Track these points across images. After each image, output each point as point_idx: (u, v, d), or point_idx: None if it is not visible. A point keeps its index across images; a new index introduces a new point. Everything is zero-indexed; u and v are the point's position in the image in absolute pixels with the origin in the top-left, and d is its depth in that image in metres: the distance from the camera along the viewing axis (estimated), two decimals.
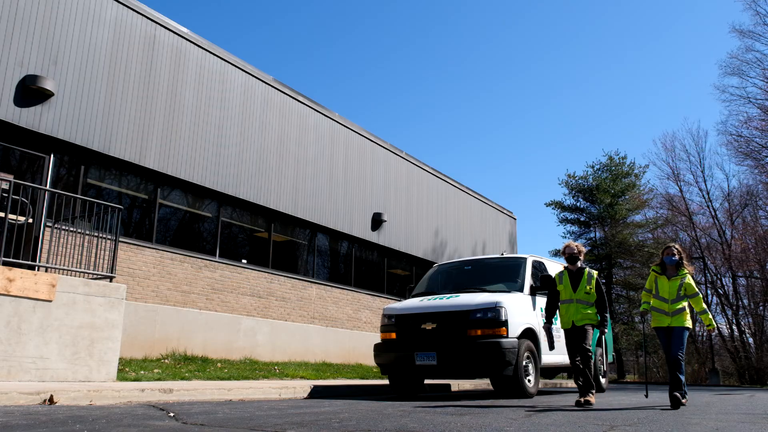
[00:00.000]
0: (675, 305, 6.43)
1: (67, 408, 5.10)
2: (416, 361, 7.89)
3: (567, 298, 6.79)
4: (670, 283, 6.53)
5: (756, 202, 34.41)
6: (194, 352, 10.98)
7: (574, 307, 6.71)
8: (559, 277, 6.98)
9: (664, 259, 6.64)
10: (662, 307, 6.52)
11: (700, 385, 25.43)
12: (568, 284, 6.82)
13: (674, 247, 6.65)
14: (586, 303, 6.71)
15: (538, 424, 4.49)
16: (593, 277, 6.83)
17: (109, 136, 10.34)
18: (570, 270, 6.93)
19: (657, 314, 6.56)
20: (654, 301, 6.64)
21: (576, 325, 6.67)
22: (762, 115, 28.89)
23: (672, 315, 6.42)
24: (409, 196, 18.51)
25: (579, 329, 6.66)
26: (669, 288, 6.50)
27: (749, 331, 33.68)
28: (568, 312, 6.75)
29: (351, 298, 15.62)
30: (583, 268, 6.88)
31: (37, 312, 6.80)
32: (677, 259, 6.58)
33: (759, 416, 5.53)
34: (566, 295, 6.81)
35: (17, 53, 9.20)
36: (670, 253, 6.63)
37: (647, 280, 6.83)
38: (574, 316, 6.69)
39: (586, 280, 6.79)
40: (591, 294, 6.74)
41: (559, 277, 6.98)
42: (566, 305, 6.79)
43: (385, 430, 3.92)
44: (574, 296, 6.74)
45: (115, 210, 8.30)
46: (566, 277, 6.88)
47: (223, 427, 4.03)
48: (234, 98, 12.92)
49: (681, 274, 6.55)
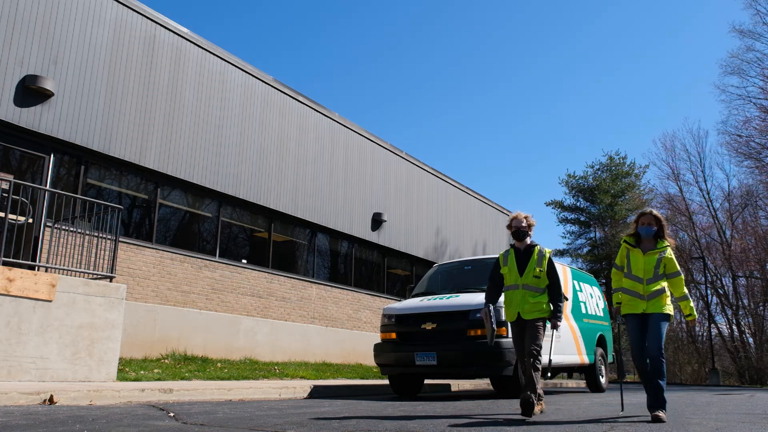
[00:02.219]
0: (651, 286, 5.06)
1: (67, 408, 5.10)
2: (416, 361, 7.88)
3: (512, 283, 5.46)
4: (646, 258, 5.16)
5: (756, 202, 34.40)
6: (194, 352, 10.97)
7: (521, 294, 5.37)
8: (503, 258, 5.62)
9: (639, 229, 5.26)
10: (635, 289, 5.13)
11: (700, 385, 25.42)
12: (514, 266, 5.46)
13: (651, 213, 5.28)
14: (535, 289, 5.37)
15: (538, 424, 4.49)
16: (545, 257, 5.46)
17: (109, 136, 10.34)
18: (517, 248, 5.57)
19: (629, 298, 5.17)
20: (626, 282, 5.24)
21: (523, 317, 5.33)
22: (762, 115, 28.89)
23: (648, 299, 5.05)
24: (409, 196, 18.51)
25: (527, 324, 5.33)
26: (644, 265, 5.13)
27: (749, 331, 33.68)
28: (513, 300, 5.42)
29: (351, 298, 15.61)
30: (533, 245, 5.54)
31: (37, 312, 6.80)
32: (655, 230, 5.21)
33: (759, 416, 5.52)
34: (511, 279, 5.47)
35: (17, 53, 9.20)
36: (646, 221, 5.23)
37: (617, 255, 5.40)
38: (521, 306, 5.35)
39: (535, 260, 5.42)
40: (542, 278, 5.40)
41: (503, 258, 5.62)
42: (511, 292, 5.46)
43: (385, 430, 3.92)
44: (520, 281, 5.40)
45: (115, 210, 8.30)
46: (512, 257, 5.52)
47: (223, 427, 4.03)
48: (234, 98, 12.92)
49: (660, 248, 5.17)
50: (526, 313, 5.32)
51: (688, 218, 36.20)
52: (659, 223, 5.26)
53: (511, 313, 5.43)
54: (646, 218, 5.27)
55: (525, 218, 5.56)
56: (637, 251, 5.23)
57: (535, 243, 5.53)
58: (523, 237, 5.54)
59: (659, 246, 5.21)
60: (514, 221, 5.56)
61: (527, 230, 5.55)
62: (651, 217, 5.26)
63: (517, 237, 5.55)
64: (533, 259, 5.43)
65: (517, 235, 5.54)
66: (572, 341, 9.65)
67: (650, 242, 5.24)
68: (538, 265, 5.40)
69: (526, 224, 5.55)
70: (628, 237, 5.38)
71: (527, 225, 5.55)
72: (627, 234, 5.45)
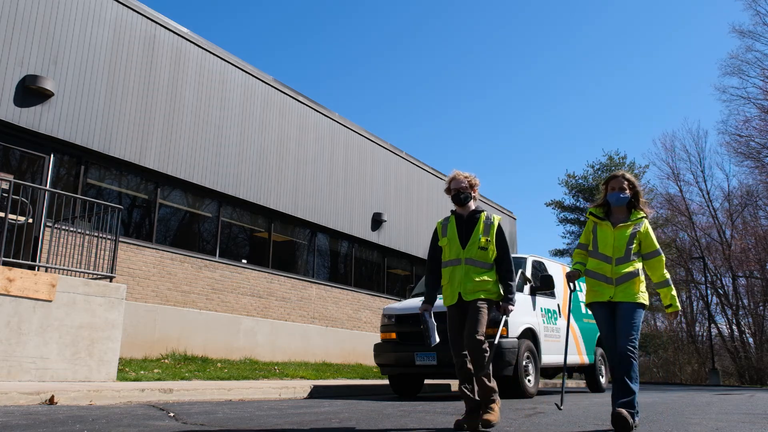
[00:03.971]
0: (622, 268, 4.11)
1: (67, 408, 5.10)
2: (416, 361, 7.89)
3: (453, 257, 4.33)
4: (617, 233, 4.17)
5: (756, 202, 34.43)
6: (194, 352, 10.97)
7: (462, 271, 4.26)
8: (441, 227, 4.51)
9: (608, 197, 4.26)
10: (602, 270, 4.17)
11: (700, 385, 25.42)
12: (455, 236, 4.36)
13: (624, 176, 4.28)
14: (481, 264, 4.26)
15: (538, 424, 4.49)
16: (493, 225, 4.36)
17: (109, 136, 10.34)
18: (458, 215, 4.48)
19: (594, 282, 4.23)
20: (591, 262, 4.28)
21: (464, 299, 4.23)
22: (762, 115, 28.90)
23: (617, 283, 4.10)
24: (409, 196, 18.51)
25: (469, 307, 4.22)
26: (615, 241, 4.16)
27: (749, 331, 33.70)
28: (454, 279, 4.30)
29: (351, 298, 15.61)
30: (478, 211, 4.46)
31: (37, 312, 6.80)
32: (629, 197, 4.22)
33: (759, 416, 5.52)
34: (451, 252, 4.35)
35: (17, 53, 9.20)
36: (617, 186, 4.23)
37: (583, 232, 4.44)
38: (462, 287, 4.24)
39: (481, 229, 4.33)
40: (489, 251, 4.28)
41: (441, 227, 4.51)
42: (451, 269, 4.34)
43: (385, 430, 3.92)
44: (462, 254, 4.29)
45: (115, 210, 8.30)
46: (452, 226, 4.43)
47: (223, 427, 4.03)
48: (234, 98, 12.92)
49: (634, 220, 4.21)
50: (469, 293, 4.22)
51: (688, 218, 36.21)
52: (634, 188, 4.23)
53: (450, 294, 4.33)
54: (617, 182, 4.22)
55: (465, 178, 4.46)
56: (605, 225, 4.22)
57: (481, 209, 4.49)
58: (465, 201, 4.44)
59: (633, 218, 4.20)
60: (452, 182, 4.48)
61: (469, 192, 4.45)
62: (623, 181, 4.21)
63: (457, 201, 4.46)
64: (478, 227, 4.34)
65: (457, 198, 4.45)
66: (572, 341, 9.65)
67: (622, 213, 4.25)
68: (485, 235, 4.31)
69: (467, 184, 4.44)
70: (594, 208, 4.39)
71: (468, 185, 4.45)
72: (594, 205, 4.43)
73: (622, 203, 4.24)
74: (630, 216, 4.25)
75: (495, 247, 4.31)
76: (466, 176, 4.47)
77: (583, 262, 4.37)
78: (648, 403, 7.31)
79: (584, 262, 4.36)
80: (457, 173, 4.49)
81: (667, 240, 36.34)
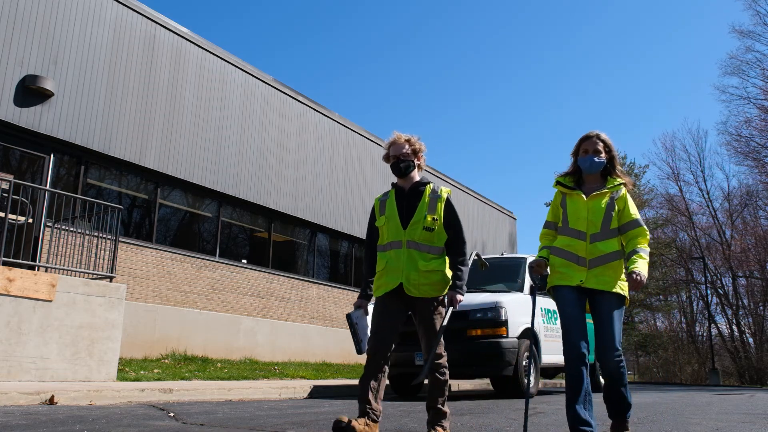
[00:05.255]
0: (599, 247, 3.31)
1: (67, 408, 5.10)
2: (416, 361, 7.88)
3: (391, 239, 3.50)
4: (591, 204, 3.39)
5: (756, 202, 34.42)
6: (194, 352, 10.97)
7: (405, 256, 3.43)
8: (379, 204, 3.69)
9: (580, 161, 3.48)
10: (574, 249, 3.34)
11: (700, 385, 25.43)
12: (395, 214, 3.52)
13: (598, 136, 3.47)
14: (428, 249, 3.44)
15: (538, 424, 4.49)
16: (440, 199, 3.53)
17: (109, 136, 10.34)
18: (399, 189, 3.63)
19: (561, 263, 3.38)
20: (560, 240, 3.44)
21: (409, 293, 3.42)
22: (762, 115, 28.90)
23: (591, 266, 3.29)
24: None
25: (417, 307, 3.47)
26: (588, 213, 3.37)
27: (749, 331, 33.69)
28: (393, 266, 3.45)
29: (351, 298, 15.61)
30: (424, 183, 3.62)
31: (37, 312, 6.80)
32: (604, 161, 3.46)
33: (759, 416, 5.52)
34: (390, 233, 3.51)
35: (17, 53, 9.20)
36: (590, 148, 3.44)
37: (549, 208, 3.63)
38: (406, 276, 3.40)
39: (426, 204, 3.50)
40: (437, 232, 3.46)
41: (379, 204, 3.69)
42: (389, 253, 3.50)
43: (385, 430, 3.92)
44: (404, 235, 3.45)
45: (115, 210, 8.30)
46: (392, 203, 3.58)
47: (223, 427, 4.03)
48: (234, 98, 12.93)
49: (611, 187, 3.44)
50: (415, 285, 3.36)
51: (688, 218, 36.20)
52: (610, 152, 3.49)
53: (386, 282, 3.43)
54: (591, 143, 3.45)
55: (408, 141, 3.59)
56: (576, 195, 3.44)
57: (427, 180, 3.64)
58: (407, 171, 3.57)
59: (610, 186, 3.44)
60: (391, 147, 3.62)
61: (412, 159, 3.57)
62: (597, 142, 3.45)
63: (397, 171, 3.59)
64: (423, 202, 3.49)
65: (396, 168, 3.58)
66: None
67: (596, 181, 3.50)
68: (431, 212, 3.46)
69: (409, 150, 3.56)
70: (562, 177, 3.57)
71: (411, 151, 3.57)
72: (562, 174, 3.60)
73: (597, 169, 3.44)
74: (606, 184, 3.47)
75: (444, 227, 3.48)
76: (408, 140, 3.60)
77: (551, 246, 3.49)
78: (648, 403, 7.31)
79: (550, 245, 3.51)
80: (398, 136, 3.62)
81: (667, 240, 36.35)
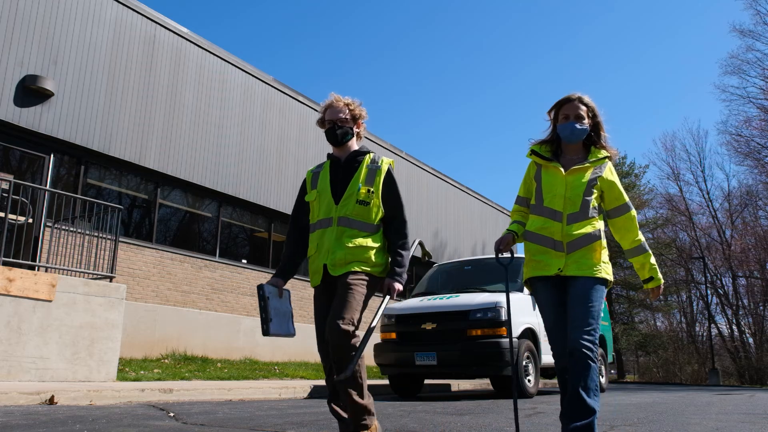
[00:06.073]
0: (577, 228, 2.86)
1: (67, 408, 5.10)
2: (416, 361, 7.88)
3: (322, 217, 2.96)
4: (570, 178, 2.91)
5: (756, 202, 34.45)
6: (194, 352, 10.97)
7: (334, 235, 2.89)
8: (311, 177, 3.12)
9: (559, 128, 2.98)
10: (549, 232, 2.90)
11: (700, 385, 25.43)
12: (327, 188, 2.99)
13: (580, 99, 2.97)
14: (360, 226, 2.90)
15: (538, 424, 4.49)
16: (380, 170, 3.02)
17: (109, 136, 10.34)
18: (335, 159, 3.09)
19: (536, 249, 2.94)
20: (533, 221, 3.00)
21: (332, 274, 2.87)
22: (762, 114, 28.92)
23: (570, 250, 2.85)
24: (409, 196, 18.50)
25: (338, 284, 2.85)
26: (567, 190, 2.89)
27: (749, 331, 33.70)
28: (322, 247, 2.92)
29: None
30: (363, 152, 3.08)
31: (37, 312, 6.80)
32: (587, 128, 2.95)
33: (759, 416, 5.52)
34: (320, 211, 2.98)
35: (17, 53, 9.20)
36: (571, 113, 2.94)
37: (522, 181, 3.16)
38: (330, 256, 2.87)
39: (363, 176, 2.98)
40: (372, 206, 2.94)
41: (311, 177, 3.12)
42: (319, 233, 2.96)
43: (385, 430, 3.92)
44: (335, 212, 2.93)
45: (115, 210, 8.30)
46: (325, 175, 3.05)
47: (223, 427, 4.03)
48: (234, 98, 12.93)
49: (594, 161, 2.95)
50: (338, 264, 2.84)
51: (688, 218, 36.23)
52: (594, 118, 2.99)
53: (315, 269, 2.94)
54: (572, 107, 2.94)
55: (347, 105, 3.05)
56: (553, 167, 2.96)
57: (367, 149, 3.11)
58: (344, 138, 3.03)
59: (593, 159, 2.95)
60: (327, 111, 3.05)
61: (350, 126, 3.04)
62: (580, 106, 2.94)
63: (332, 139, 3.04)
64: (359, 173, 2.97)
65: (332, 135, 3.03)
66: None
67: (577, 151, 3.00)
68: (368, 184, 2.95)
69: (347, 115, 3.03)
70: (538, 145, 3.07)
71: (350, 116, 3.04)
72: (536, 142, 3.10)
73: (579, 138, 2.94)
74: (588, 156, 2.97)
75: (381, 201, 2.97)
76: (347, 103, 3.05)
77: (522, 221, 3.08)
78: (648, 403, 7.31)
79: (524, 222, 3.07)
80: (336, 98, 3.06)
81: (667, 240, 36.35)
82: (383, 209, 3.00)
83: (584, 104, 2.97)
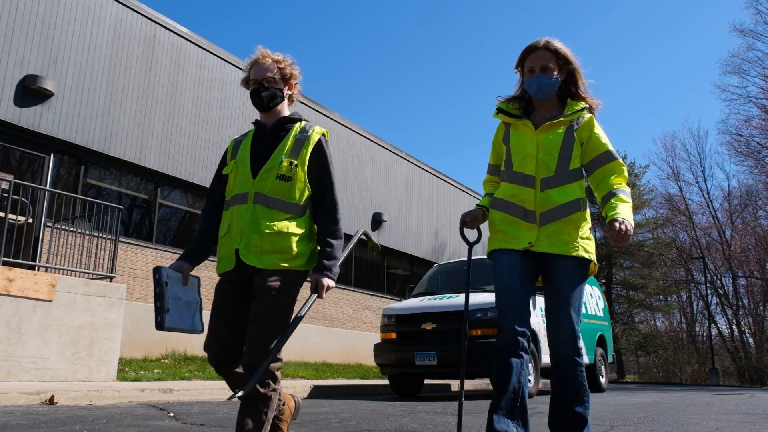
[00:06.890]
0: (552, 195, 2.45)
1: (67, 408, 5.10)
2: (416, 361, 7.88)
3: (237, 192, 2.48)
4: (542, 137, 2.50)
5: (756, 202, 34.45)
6: (194, 352, 10.97)
7: (248, 213, 2.41)
8: (233, 147, 2.64)
9: (525, 83, 2.55)
10: (519, 199, 2.49)
11: (700, 385, 25.43)
12: (246, 158, 2.50)
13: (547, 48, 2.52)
14: (280, 206, 2.43)
15: (538, 424, 4.49)
16: (309, 141, 2.51)
17: (109, 136, 10.34)
18: (261, 126, 2.59)
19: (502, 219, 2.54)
20: (502, 188, 2.60)
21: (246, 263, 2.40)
22: (762, 114, 28.92)
23: (543, 221, 2.45)
24: (409, 196, 18.51)
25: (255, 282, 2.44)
26: (539, 150, 2.48)
27: (749, 331, 33.69)
28: (233, 228, 2.44)
29: (351, 298, 15.61)
30: (293, 119, 2.58)
31: (37, 312, 6.80)
32: (559, 80, 2.53)
33: (759, 416, 5.52)
34: (236, 185, 2.49)
35: (17, 53, 9.19)
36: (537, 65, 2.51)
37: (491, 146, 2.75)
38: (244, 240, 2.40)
39: (288, 146, 2.48)
40: (296, 182, 2.45)
41: (233, 147, 2.64)
42: (231, 210, 2.48)
43: (385, 430, 3.92)
44: (251, 187, 2.44)
45: (115, 210, 8.30)
46: (247, 144, 2.57)
47: (223, 427, 4.03)
48: (234, 98, 12.92)
49: (569, 114, 2.51)
50: (254, 252, 2.38)
51: (688, 218, 36.21)
52: (567, 64, 2.53)
53: (224, 254, 2.49)
54: (537, 59, 2.51)
55: (276, 63, 2.56)
56: (523, 125, 2.55)
57: (299, 116, 2.61)
58: (271, 102, 2.54)
59: (569, 111, 2.52)
60: (253, 68, 2.57)
61: (279, 87, 2.55)
62: (546, 56, 2.50)
63: (258, 101, 2.55)
64: (285, 143, 2.49)
65: (257, 96, 2.54)
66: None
67: (552, 107, 2.57)
68: (292, 156, 2.46)
69: (276, 74, 2.54)
70: (505, 103, 2.65)
71: (279, 76, 2.55)
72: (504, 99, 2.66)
73: (547, 93, 2.52)
74: (564, 110, 2.53)
75: (307, 177, 2.48)
76: (276, 60, 2.56)
77: (494, 193, 2.67)
78: (648, 403, 7.31)
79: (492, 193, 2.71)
80: (263, 54, 2.57)
81: (667, 240, 36.35)
82: (309, 187, 2.50)
83: (551, 51, 2.50)
